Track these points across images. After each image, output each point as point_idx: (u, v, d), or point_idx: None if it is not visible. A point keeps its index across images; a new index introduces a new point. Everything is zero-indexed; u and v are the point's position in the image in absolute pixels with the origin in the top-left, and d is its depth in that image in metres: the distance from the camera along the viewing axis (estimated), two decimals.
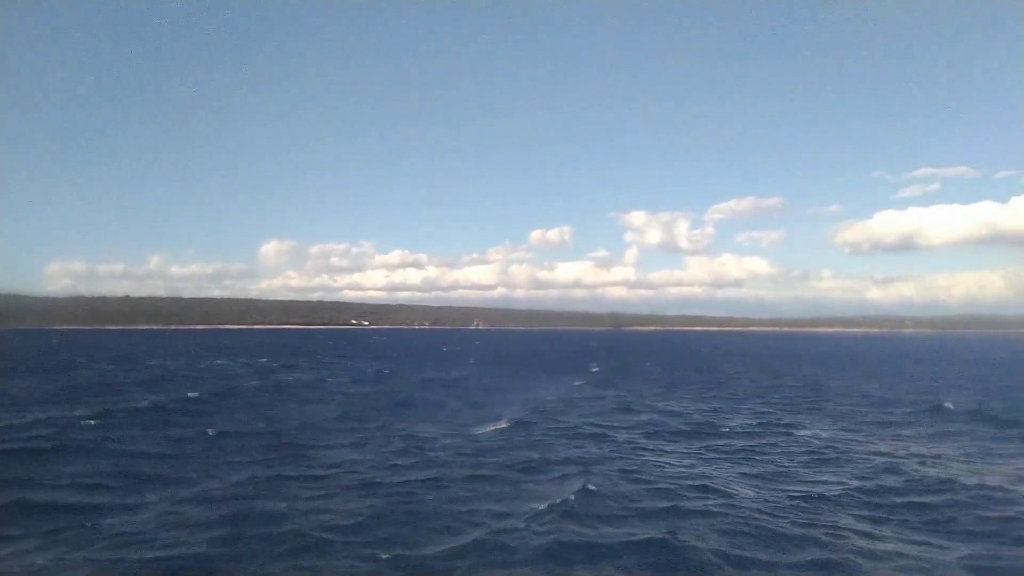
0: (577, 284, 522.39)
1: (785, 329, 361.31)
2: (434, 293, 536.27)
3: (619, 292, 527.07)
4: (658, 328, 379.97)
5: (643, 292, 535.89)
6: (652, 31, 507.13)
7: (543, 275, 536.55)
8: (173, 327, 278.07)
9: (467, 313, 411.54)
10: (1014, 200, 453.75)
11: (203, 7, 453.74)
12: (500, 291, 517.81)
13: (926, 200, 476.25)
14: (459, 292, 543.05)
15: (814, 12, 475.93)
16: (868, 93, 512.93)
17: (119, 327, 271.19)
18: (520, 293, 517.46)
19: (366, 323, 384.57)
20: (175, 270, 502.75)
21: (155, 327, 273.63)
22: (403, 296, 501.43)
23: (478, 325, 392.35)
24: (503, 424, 22.72)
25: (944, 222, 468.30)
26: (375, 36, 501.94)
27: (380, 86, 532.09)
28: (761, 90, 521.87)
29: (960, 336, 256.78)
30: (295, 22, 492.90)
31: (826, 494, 13.95)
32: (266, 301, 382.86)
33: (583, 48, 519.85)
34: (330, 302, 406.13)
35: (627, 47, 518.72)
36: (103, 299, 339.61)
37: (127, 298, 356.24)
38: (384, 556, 9.94)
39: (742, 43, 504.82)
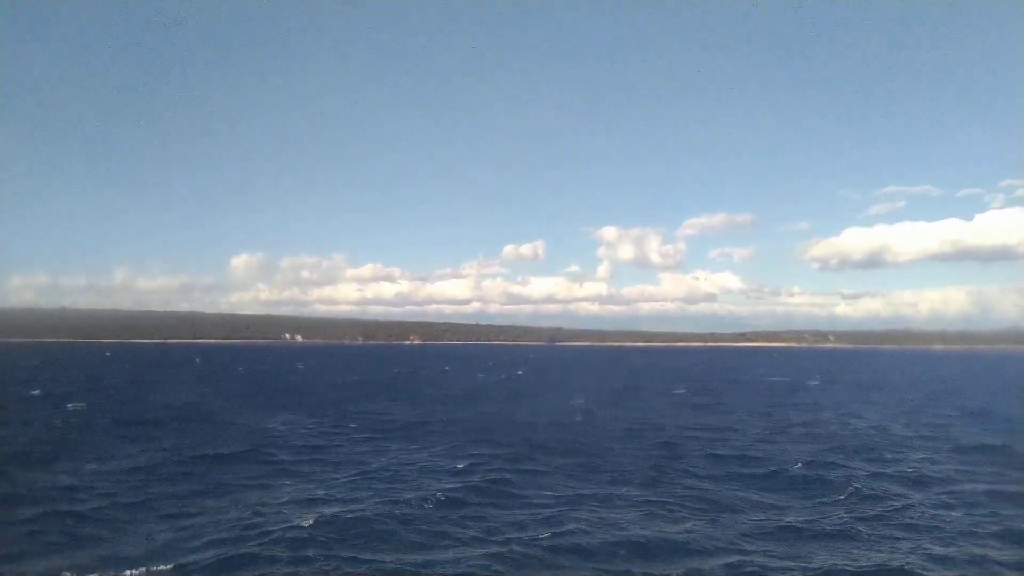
0: (550, 299, 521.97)
1: (710, 344, 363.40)
2: (408, 308, 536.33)
3: (592, 307, 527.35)
4: (590, 343, 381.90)
5: (615, 308, 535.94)
6: (625, 49, 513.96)
7: (516, 290, 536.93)
8: (82, 340, 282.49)
9: (404, 328, 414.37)
10: (978, 217, 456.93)
11: (163, 19, 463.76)
12: (475, 306, 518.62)
13: (893, 217, 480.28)
14: (433, 307, 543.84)
15: (783, 33, 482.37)
16: (836, 113, 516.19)
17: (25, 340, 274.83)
18: (494, 308, 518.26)
19: (299, 337, 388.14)
20: (141, 283, 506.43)
21: (65, 340, 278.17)
22: (376, 311, 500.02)
23: (413, 341, 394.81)
24: None
25: (910, 239, 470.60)
26: (348, 51, 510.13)
27: (352, 99, 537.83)
28: (731, 109, 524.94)
29: (864, 351, 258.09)
30: (263, 34, 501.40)
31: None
32: (202, 314, 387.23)
33: (555, 65, 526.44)
34: (264, 316, 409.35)
35: (599, 65, 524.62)
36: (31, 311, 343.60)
37: (63, 310, 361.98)
38: None
39: (712, 64, 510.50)
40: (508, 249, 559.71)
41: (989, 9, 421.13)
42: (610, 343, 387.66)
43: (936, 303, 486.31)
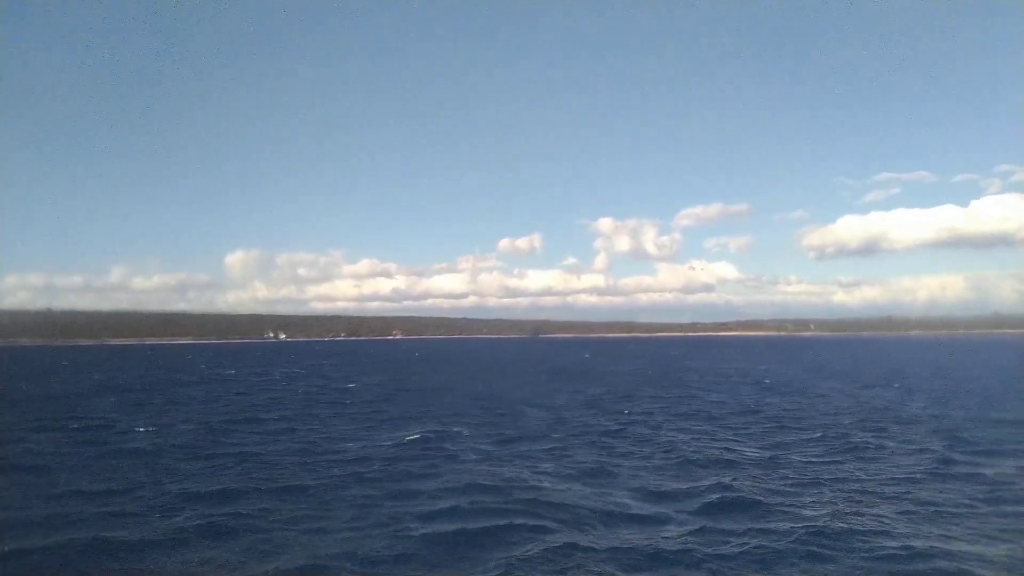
0: (548, 292, 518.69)
1: (689, 334, 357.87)
2: (405, 303, 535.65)
3: (590, 299, 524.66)
4: (575, 335, 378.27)
5: (613, 299, 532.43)
6: (619, 42, 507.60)
7: (513, 283, 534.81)
8: (58, 342, 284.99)
9: (388, 323, 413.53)
10: (973, 203, 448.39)
11: (159, 18, 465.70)
12: (471, 300, 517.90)
13: (888, 204, 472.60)
14: (430, 301, 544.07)
15: (776, 23, 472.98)
16: (830, 100, 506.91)
17: None
18: (491, 301, 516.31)
19: (283, 335, 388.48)
20: (138, 282, 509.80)
21: (43, 342, 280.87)
22: (374, 306, 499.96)
23: (396, 336, 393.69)
24: None
25: (906, 226, 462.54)
26: (342, 47, 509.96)
27: (346, 94, 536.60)
28: (726, 99, 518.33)
29: (836, 339, 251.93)
30: (258, 32, 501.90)
31: None
32: (189, 314, 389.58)
33: (549, 58, 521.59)
34: (251, 315, 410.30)
35: (593, 57, 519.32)
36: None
37: (49, 311, 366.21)
38: None
39: (706, 54, 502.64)
40: (504, 242, 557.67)
41: None
42: (596, 334, 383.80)
43: (934, 290, 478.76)
